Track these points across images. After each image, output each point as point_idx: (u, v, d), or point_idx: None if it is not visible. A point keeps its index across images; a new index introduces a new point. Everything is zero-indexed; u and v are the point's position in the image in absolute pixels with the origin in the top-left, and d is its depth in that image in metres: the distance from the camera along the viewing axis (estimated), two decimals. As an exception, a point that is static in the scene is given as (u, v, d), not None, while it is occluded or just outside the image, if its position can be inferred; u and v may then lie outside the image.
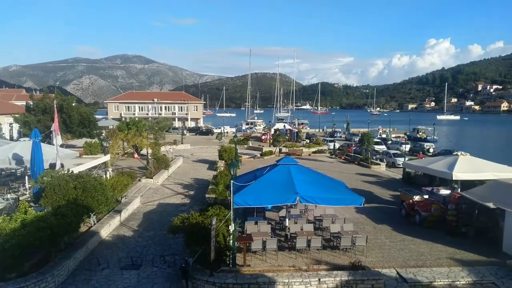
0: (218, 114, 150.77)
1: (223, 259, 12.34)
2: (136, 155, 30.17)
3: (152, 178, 27.22)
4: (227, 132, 72.04)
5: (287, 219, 15.75)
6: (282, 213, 16.94)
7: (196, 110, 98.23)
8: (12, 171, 25.35)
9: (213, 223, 11.51)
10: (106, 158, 24.75)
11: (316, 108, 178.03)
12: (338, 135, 70.78)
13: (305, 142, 55.84)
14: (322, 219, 16.67)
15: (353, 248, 14.04)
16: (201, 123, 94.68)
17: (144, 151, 31.86)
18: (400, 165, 33.00)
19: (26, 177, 21.67)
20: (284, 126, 66.35)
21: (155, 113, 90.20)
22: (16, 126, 47.27)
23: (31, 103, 41.00)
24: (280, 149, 44.14)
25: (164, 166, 30.28)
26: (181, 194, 24.16)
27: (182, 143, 51.62)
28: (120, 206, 18.89)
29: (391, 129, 74.97)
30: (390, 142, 53.55)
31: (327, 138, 59.11)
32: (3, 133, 49.45)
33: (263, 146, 48.73)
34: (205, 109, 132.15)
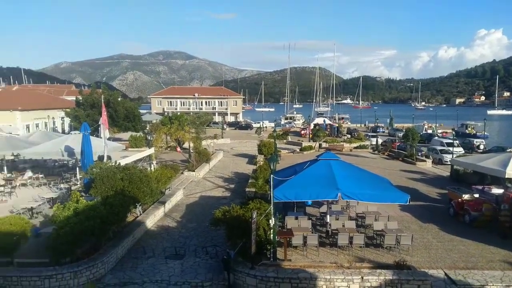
0: (257, 109, 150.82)
1: (264, 252, 12.39)
2: (178, 149, 30.93)
3: (194, 171, 27.81)
4: (266, 127, 72.12)
5: (328, 215, 15.46)
6: (323, 209, 16.66)
7: (236, 105, 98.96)
8: (65, 162, 26.88)
9: (254, 216, 11.52)
10: (151, 151, 25.63)
11: (357, 102, 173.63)
12: (381, 130, 68.59)
13: (346, 137, 54.78)
14: (364, 216, 16.25)
15: (397, 247, 13.59)
16: (240, 118, 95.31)
17: (186, 145, 32.59)
18: (447, 162, 31.53)
19: (77, 168, 22.88)
20: (324, 120, 65.45)
21: (196, 108, 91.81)
22: (67, 120, 49.96)
23: (80, 98, 43.13)
24: (320, 144, 43.57)
25: (205, 160, 30.84)
26: (222, 187, 24.52)
27: (222, 137, 52.33)
28: (164, 198, 19.47)
29: (437, 125, 71.74)
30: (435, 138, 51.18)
31: (369, 133, 57.51)
32: (56, 127, 52.54)
33: (302, 141, 48.29)
34: (244, 104, 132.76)
